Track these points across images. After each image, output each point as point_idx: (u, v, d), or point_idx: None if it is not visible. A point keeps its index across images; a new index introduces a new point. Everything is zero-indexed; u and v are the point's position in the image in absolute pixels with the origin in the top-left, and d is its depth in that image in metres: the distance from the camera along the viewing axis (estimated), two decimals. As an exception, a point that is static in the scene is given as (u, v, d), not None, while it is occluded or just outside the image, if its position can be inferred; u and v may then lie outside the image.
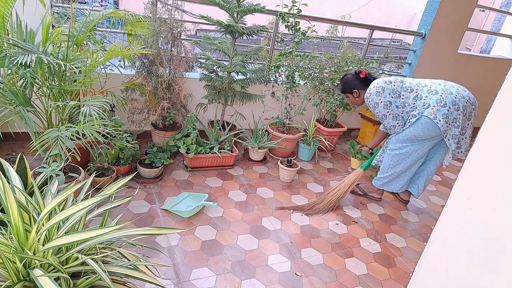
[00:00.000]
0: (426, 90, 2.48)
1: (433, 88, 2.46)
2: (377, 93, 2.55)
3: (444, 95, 2.41)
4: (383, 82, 2.58)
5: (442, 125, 2.38)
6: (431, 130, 2.44)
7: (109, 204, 1.35)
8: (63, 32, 2.33)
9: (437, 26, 4.00)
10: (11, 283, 1.11)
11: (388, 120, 2.57)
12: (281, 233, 2.43)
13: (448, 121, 2.39)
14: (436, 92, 2.43)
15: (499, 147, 1.00)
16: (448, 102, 2.39)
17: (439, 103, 2.39)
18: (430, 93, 2.45)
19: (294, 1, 3.03)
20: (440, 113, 2.38)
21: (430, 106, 2.40)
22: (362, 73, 2.73)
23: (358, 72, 2.75)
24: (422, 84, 2.53)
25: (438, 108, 2.38)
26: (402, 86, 2.56)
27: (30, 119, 2.01)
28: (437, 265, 1.23)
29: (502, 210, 1.00)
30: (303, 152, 3.50)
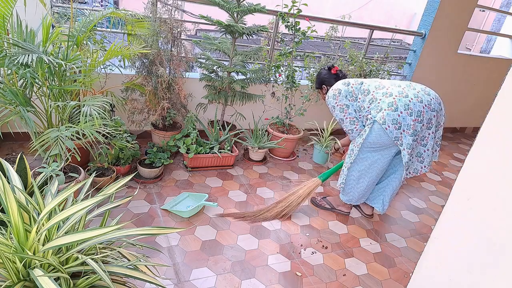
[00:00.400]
0: (381, 92, 2.25)
1: (389, 91, 2.23)
2: (333, 96, 2.40)
3: (398, 98, 2.17)
4: (342, 84, 2.42)
5: (390, 131, 2.16)
6: (383, 136, 2.22)
7: (109, 204, 1.35)
8: (63, 32, 2.33)
9: (437, 26, 4.00)
10: (11, 283, 1.11)
11: (346, 123, 2.40)
12: (281, 233, 2.43)
13: (400, 127, 2.16)
14: (391, 94, 2.21)
15: (499, 147, 1.00)
16: (400, 106, 2.15)
17: (390, 106, 2.16)
18: (384, 96, 2.22)
19: (294, 1, 3.03)
20: (389, 118, 2.15)
21: (381, 110, 2.19)
22: (333, 69, 2.59)
23: (330, 68, 2.62)
24: (380, 86, 2.30)
25: (388, 112, 2.16)
26: (360, 88, 2.36)
27: (30, 119, 2.01)
28: (437, 265, 1.23)
29: (502, 210, 1.00)
30: (318, 155, 3.44)
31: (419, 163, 2.40)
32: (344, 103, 2.38)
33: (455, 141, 4.82)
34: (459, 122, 5.11)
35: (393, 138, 2.19)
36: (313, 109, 3.80)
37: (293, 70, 3.24)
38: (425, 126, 2.21)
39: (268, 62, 3.40)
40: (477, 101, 4.89)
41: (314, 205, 2.80)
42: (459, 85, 4.63)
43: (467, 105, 4.89)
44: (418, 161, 2.39)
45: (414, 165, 2.42)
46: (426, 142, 2.30)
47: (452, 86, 4.59)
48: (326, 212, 2.74)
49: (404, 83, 2.31)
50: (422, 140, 2.29)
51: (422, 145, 2.32)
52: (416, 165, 2.42)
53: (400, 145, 2.21)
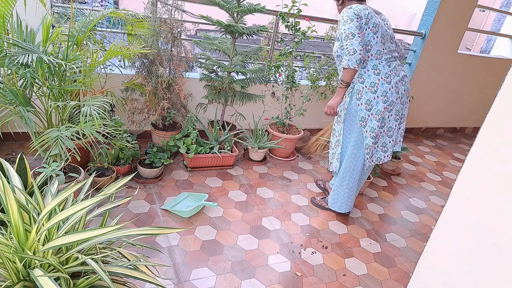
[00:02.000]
0: (373, 64, 2.22)
1: (380, 67, 2.22)
2: (355, 14, 2.14)
3: (381, 82, 2.20)
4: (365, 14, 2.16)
5: (361, 109, 2.23)
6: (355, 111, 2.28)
7: (109, 204, 1.35)
8: (63, 32, 2.33)
9: (437, 26, 4.00)
10: (11, 283, 1.11)
11: (354, 41, 2.10)
12: (281, 233, 2.43)
13: (370, 110, 2.22)
14: (378, 73, 2.21)
15: (499, 147, 1.00)
16: (379, 91, 2.21)
17: (371, 87, 2.21)
18: (372, 70, 2.22)
19: (294, 1, 3.03)
20: (365, 97, 2.22)
21: (363, 83, 2.22)
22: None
23: None
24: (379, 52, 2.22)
25: (366, 91, 2.22)
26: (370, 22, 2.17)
27: (30, 119, 2.01)
28: (437, 265, 1.24)
29: (502, 210, 1.00)
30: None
31: (383, 153, 2.44)
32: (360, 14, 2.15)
33: (455, 141, 4.82)
34: (459, 122, 5.11)
35: (360, 117, 2.25)
36: (313, 109, 3.81)
37: (293, 70, 3.24)
38: (393, 117, 2.30)
39: (268, 62, 3.40)
40: (477, 101, 4.89)
41: (314, 205, 2.80)
42: (459, 85, 4.63)
43: (467, 105, 4.89)
44: (382, 150, 2.43)
45: (378, 154, 2.43)
46: (392, 134, 2.37)
47: (452, 86, 4.59)
48: (326, 212, 2.74)
49: (395, 63, 2.30)
50: (388, 131, 2.35)
51: (388, 135, 2.38)
52: (380, 154, 2.44)
53: (363, 126, 2.27)
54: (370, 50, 2.22)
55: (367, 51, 2.22)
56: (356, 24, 2.12)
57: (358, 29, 2.12)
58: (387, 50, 2.27)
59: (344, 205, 2.59)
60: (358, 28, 2.12)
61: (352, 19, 2.13)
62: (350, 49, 2.12)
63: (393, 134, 2.38)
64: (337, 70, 3.58)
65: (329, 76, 3.56)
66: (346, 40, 2.13)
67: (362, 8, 2.17)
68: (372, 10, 2.25)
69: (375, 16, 2.22)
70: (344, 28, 2.16)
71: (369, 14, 2.18)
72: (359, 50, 2.10)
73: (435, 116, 4.75)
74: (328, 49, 3.96)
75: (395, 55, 2.33)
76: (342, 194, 2.56)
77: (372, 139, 2.30)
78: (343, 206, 2.59)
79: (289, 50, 3.19)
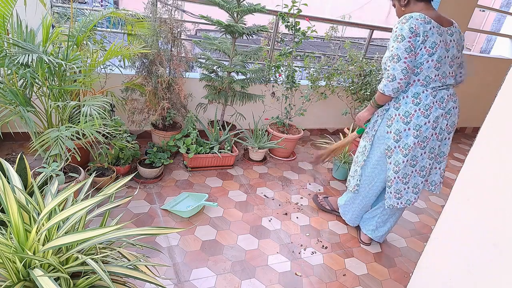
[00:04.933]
0: (415, 91, 1.94)
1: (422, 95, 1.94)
2: (410, 30, 1.81)
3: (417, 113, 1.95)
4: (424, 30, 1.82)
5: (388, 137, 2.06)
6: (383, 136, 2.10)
7: (109, 204, 1.35)
8: (63, 32, 2.33)
9: (437, 26, 3.99)
10: (11, 283, 1.11)
11: (398, 66, 1.84)
12: (281, 233, 2.43)
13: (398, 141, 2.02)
14: (418, 103, 1.93)
15: (499, 147, 1.00)
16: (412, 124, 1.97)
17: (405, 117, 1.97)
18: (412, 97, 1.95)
19: (294, 1, 3.03)
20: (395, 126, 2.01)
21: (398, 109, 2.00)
22: None
23: None
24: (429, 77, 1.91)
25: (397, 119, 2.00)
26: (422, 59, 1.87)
27: (30, 119, 2.01)
28: (437, 265, 1.24)
29: (502, 210, 1.00)
30: (338, 170, 3.25)
31: (414, 194, 2.14)
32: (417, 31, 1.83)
33: (455, 141, 4.82)
34: (459, 122, 5.04)
35: (386, 146, 2.05)
36: (313, 109, 3.81)
37: (293, 70, 3.24)
38: (426, 155, 2.06)
39: (268, 62, 3.40)
40: (477, 101, 4.89)
41: (314, 203, 2.79)
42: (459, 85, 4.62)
43: (467, 105, 4.89)
44: (413, 192, 2.14)
45: (408, 196, 2.14)
46: (425, 173, 2.10)
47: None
48: (326, 212, 2.74)
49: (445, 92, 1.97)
50: (421, 170, 2.09)
51: (420, 176, 2.10)
52: (410, 196, 2.14)
53: (388, 157, 2.06)
54: (418, 74, 1.91)
55: (415, 75, 1.91)
56: (407, 46, 1.82)
57: (407, 52, 1.82)
58: (440, 77, 1.93)
59: (353, 220, 2.51)
60: (407, 51, 1.82)
61: (403, 38, 1.82)
62: (391, 73, 1.87)
63: (426, 174, 2.10)
64: (337, 70, 3.59)
65: (329, 76, 3.56)
66: (390, 61, 1.86)
67: (423, 21, 1.82)
68: (437, 23, 1.88)
69: (437, 32, 1.86)
70: (392, 45, 1.86)
71: (430, 30, 1.83)
72: (398, 79, 1.85)
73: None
74: (328, 49, 3.97)
75: (449, 82, 1.97)
76: (353, 210, 2.46)
77: (394, 173, 2.06)
78: (352, 220, 2.51)
79: (289, 50, 3.19)
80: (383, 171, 2.18)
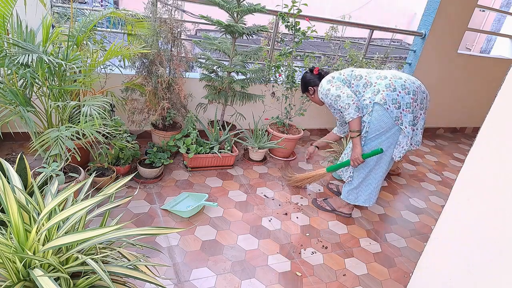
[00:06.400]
0: (375, 76, 2.36)
1: (382, 74, 2.36)
2: (328, 81, 2.43)
3: (393, 80, 2.29)
4: (333, 73, 2.51)
5: (391, 111, 2.26)
6: (383, 118, 2.30)
7: (109, 204, 1.35)
8: (63, 32, 2.33)
9: (437, 26, 4.00)
10: (11, 283, 1.11)
11: (343, 99, 2.32)
12: (281, 233, 2.43)
13: (399, 107, 2.26)
14: (385, 77, 2.32)
15: (499, 147, 1.00)
16: (398, 86, 2.27)
17: (388, 87, 2.27)
18: (379, 79, 2.33)
19: (294, 1, 3.03)
20: (389, 98, 2.25)
21: (379, 91, 2.28)
22: (315, 70, 2.65)
23: (311, 69, 2.67)
24: (372, 72, 2.43)
25: (387, 93, 2.26)
26: (352, 74, 2.44)
27: (30, 119, 2.01)
28: (437, 265, 1.24)
29: (502, 210, 1.00)
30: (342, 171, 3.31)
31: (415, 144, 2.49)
32: (340, 82, 2.42)
33: (455, 141, 4.82)
34: (459, 122, 5.11)
35: (394, 118, 2.27)
36: (313, 109, 3.81)
37: (293, 70, 3.24)
38: (418, 106, 2.32)
39: (268, 62, 3.40)
40: (477, 101, 4.89)
41: (315, 207, 2.79)
42: (459, 85, 4.63)
43: (467, 105, 4.89)
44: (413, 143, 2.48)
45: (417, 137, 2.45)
46: (417, 122, 2.38)
47: (452, 86, 4.59)
48: (326, 212, 2.74)
49: (391, 71, 2.43)
50: (414, 118, 2.36)
51: (413, 123, 2.37)
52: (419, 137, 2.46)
53: (401, 124, 2.29)
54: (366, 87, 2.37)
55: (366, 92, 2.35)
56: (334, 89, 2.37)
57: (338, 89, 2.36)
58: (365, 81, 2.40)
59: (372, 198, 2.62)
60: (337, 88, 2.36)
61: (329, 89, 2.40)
62: (343, 105, 2.32)
63: (417, 123, 2.39)
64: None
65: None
66: (338, 102, 2.34)
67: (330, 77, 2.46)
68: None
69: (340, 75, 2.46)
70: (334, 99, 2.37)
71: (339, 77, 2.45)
72: (350, 102, 2.30)
73: (435, 116, 4.75)
74: (328, 49, 3.97)
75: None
76: (366, 189, 2.58)
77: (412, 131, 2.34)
78: (371, 198, 2.61)
79: (289, 50, 3.19)
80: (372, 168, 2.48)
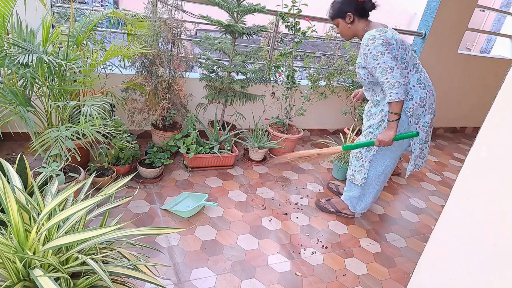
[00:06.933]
0: (416, 78, 2.17)
1: (423, 79, 2.19)
2: (383, 44, 2.03)
3: (429, 95, 2.18)
4: (392, 37, 2.05)
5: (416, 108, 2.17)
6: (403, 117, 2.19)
7: (109, 204, 1.35)
8: (63, 32, 2.33)
9: (437, 26, 3.99)
10: (11, 283, 1.11)
11: (395, 73, 2.01)
12: (281, 233, 2.43)
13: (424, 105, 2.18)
14: (424, 87, 2.17)
15: (499, 147, 1.00)
16: (426, 85, 2.17)
17: (420, 84, 2.15)
18: (418, 85, 2.17)
19: (294, 1, 3.03)
20: (417, 95, 2.16)
21: (412, 99, 2.16)
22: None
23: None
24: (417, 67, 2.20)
25: (416, 89, 2.15)
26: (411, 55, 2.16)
27: (30, 119, 2.01)
28: (437, 265, 1.23)
29: (502, 211, 1.00)
30: (337, 170, 3.26)
31: (421, 159, 2.39)
32: (390, 41, 2.04)
33: (455, 141, 4.81)
34: (459, 122, 5.11)
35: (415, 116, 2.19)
36: (313, 109, 3.81)
37: (293, 70, 3.24)
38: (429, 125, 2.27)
39: (268, 62, 3.40)
40: (477, 101, 4.89)
41: (318, 208, 2.77)
42: (459, 85, 4.63)
43: (467, 105, 4.89)
44: (420, 156, 2.37)
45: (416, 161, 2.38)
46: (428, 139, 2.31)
47: (452, 86, 4.59)
48: (326, 212, 2.74)
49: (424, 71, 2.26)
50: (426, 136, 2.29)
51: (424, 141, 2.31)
52: (418, 161, 2.38)
53: (418, 123, 2.22)
54: (407, 67, 2.15)
55: (405, 69, 2.14)
56: (390, 56, 2.02)
57: (394, 60, 2.03)
58: (414, 58, 2.20)
59: (366, 208, 2.64)
60: (393, 59, 2.03)
61: (383, 53, 2.02)
62: (393, 82, 2.02)
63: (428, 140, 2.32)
64: (337, 70, 3.59)
65: (329, 76, 3.56)
66: (385, 74, 2.03)
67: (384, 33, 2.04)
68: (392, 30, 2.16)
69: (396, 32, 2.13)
70: (377, 62, 2.04)
71: (394, 35, 2.08)
72: (402, 82, 2.03)
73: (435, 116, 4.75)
74: (328, 49, 3.97)
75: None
76: (366, 199, 2.58)
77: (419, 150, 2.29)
78: (366, 208, 2.63)
79: (289, 50, 3.19)
80: (393, 158, 2.39)
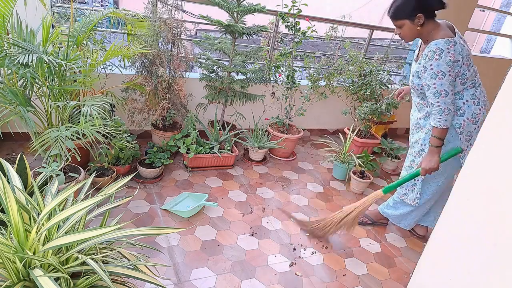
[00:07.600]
0: (471, 93, 2.03)
1: (478, 94, 2.03)
2: (448, 64, 1.89)
3: (483, 111, 2.02)
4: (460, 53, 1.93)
5: (468, 124, 2.03)
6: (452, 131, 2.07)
7: (109, 204, 1.35)
8: (63, 32, 2.33)
9: (437, 26, 3.99)
10: (11, 283, 1.11)
11: (448, 99, 1.90)
12: (281, 233, 2.43)
13: (476, 122, 2.04)
14: (478, 102, 2.02)
15: (499, 148, 1.00)
16: (481, 101, 2.03)
17: (474, 99, 2.01)
18: (472, 100, 2.02)
19: (294, 1, 3.03)
20: (470, 110, 2.01)
21: (464, 115, 2.03)
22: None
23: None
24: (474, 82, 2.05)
25: (469, 104, 2.02)
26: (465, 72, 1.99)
27: (30, 119, 2.01)
28: (437, 265, 1.24)
29: (502, 211, 1.00)
30: (337, 170, 3.26)
31: None
32: (457, 58, 1.91)
33: (455, 141, 4.81)
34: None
35: (465, 133, 2.05)
36: (313, 109, 3.81)
37: (293, 70, 3.24)
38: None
39: (268, 62, 3.40)
40: (477, 101, 4.88)
41: (361, 225, 2.65)
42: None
43: (467, 105, 4.88)
44: None
45: None
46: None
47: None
48: (326, 212, 2.74)
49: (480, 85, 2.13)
50: None
51: None
52: None
53: (461, 157, 2.10)
54: (465, 83, 2.01)
55: (463, 84, 2.01)
56: (449, 80, 1.90)
57: (451, 84, 1.92)
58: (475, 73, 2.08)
59: (412, 225, 2.53)
60: (451, 83, 1.92)
61: (444, 74, 1.89)
62: (444, 107, 1.92)
63: None
64: (337, 70, 3.59)
65: (329, 76, 3.56)
66: (438, 97, 1.92)
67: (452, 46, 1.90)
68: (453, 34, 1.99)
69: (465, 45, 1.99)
70: (433, 82, 1.91)
71: (462, 50, 1.94)
72: (452, 108, 1.95)
73: None
74: (328, 49, 3.97)
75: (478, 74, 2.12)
76: (414, 216, 2.46)
77: None
78: (411, 225, 2.52)
79: (289, 50, 3.19)
80: (447, 178, 2.25)
